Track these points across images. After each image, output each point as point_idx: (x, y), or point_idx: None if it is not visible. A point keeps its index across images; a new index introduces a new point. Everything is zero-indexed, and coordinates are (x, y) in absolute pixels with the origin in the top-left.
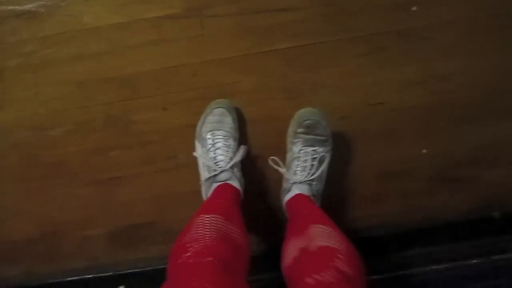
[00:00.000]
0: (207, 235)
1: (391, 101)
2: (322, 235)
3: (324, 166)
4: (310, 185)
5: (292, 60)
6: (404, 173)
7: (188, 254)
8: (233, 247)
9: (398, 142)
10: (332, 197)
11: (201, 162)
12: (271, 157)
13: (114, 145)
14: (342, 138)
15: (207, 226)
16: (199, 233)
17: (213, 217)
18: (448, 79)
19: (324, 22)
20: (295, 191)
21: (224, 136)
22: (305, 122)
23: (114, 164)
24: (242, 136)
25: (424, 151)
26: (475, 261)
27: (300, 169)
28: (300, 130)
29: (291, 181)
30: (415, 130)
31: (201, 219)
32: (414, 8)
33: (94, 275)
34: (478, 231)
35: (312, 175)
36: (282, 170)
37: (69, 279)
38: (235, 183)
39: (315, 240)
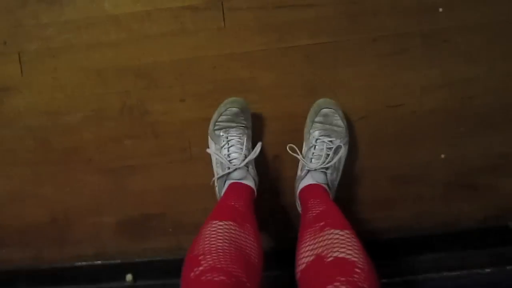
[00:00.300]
0: (220, 247)
1: (411, 103)
2: (339, 243)
3: (340, 156)
4: (325, 173)
5: (312, 57)
6: (420, 177)
7: (201, 268)
8: (246, 264)
9: (416, 145)
10: (345, 197)
11: (214, 159)
12: (289, 144)
13: (129, 133)
14: (359, 138)
15: (220, 236)
16: (212, 244)
17: (226, 224)
18: (470, 84)
19: (347, 20)
20: (309, 179)
21: (238, 134)
22: (323, 110)
23: (128, 153)
24: (257, 132)
25: (443, 156)
26: (488, 270)
27: (316, 157)
28: (318, 119)
29: (306, 168)
30: (434, 134)
31: (214, 227)
32: (440, 10)
33: (102, 262)
34: (493, 240)
35: (328, 163)
36: (298, 156)
37: (77, 264)
38: (250, 182)
39: (332, 249)
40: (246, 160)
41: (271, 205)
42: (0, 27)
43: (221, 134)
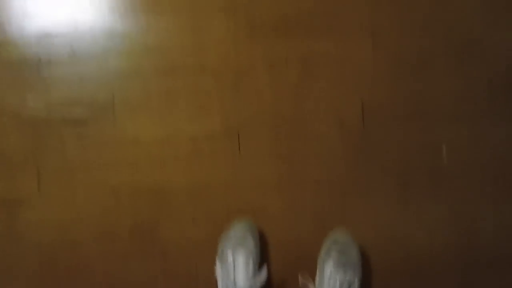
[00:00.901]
0: None
1: (419, 237)
2: None
3: None
4: None
5: (322, 186)
6: None
7: None
8: None
9: (425, 280)
10: None
11: (220, 284)
12: (301, 271)
13: (136, 253)
14: (367, 268)
15: None
16: None
17: None
18: (479, 222)
19: (357, 154)
20: None
21: (245, 257)
22: (340, 242)
23: (134, 273)
24: (265, 258)
25: None
26: None
27: None
28: (334, 249)
29: None
30: (443, 270)
31: None
32: (444, 149)
33: None
34: None
35: None
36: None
37: None
38: None
39: None
40: None
41: None
42: (22, 142)
43: (228, 257)
